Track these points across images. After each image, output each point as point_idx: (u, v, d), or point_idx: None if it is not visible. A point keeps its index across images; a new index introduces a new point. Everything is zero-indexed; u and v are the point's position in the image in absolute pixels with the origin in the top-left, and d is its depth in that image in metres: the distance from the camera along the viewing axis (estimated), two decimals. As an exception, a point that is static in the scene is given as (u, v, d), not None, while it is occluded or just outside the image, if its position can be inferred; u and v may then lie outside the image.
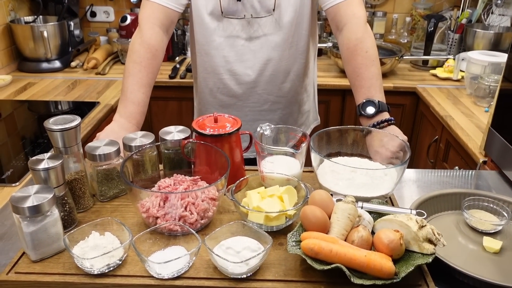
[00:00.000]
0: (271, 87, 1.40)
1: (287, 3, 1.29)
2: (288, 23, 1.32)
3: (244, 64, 1.36)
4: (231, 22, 1.31)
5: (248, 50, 1.34)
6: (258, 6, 1.29)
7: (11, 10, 2.18)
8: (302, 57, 1.40)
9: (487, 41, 2.16)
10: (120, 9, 2.55)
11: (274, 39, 1.33)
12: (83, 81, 2.04)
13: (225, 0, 1.28)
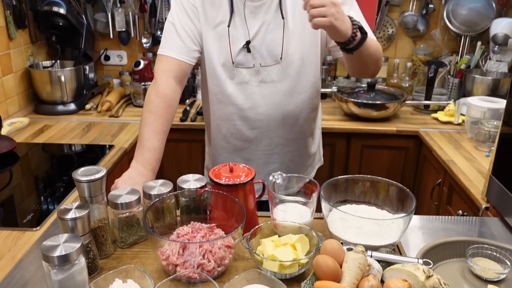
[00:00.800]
0: (281, 131, 1.47)
1: (294, 52, 1.37)
2: (295, 71, 1.40)
3: (255, 110, 1.43)
4: (241, 71, 1.39)
5: (258, 96, 1.42)
6: (266, 56, 1.38)
7: (30, 55, 2.28)
8: (310, 102, 1.48)
9: (486, 87, 2.25)
10: (133, 53, 2.66)
11: (283, 85, 1.41)
12: (98, 123, 2.12)
13: (235, 52, 1.37)
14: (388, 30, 2.55)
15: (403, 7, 2.51)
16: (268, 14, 1.36)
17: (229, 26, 1.36)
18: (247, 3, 1.35)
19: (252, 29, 1.36)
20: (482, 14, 2.38)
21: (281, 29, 1.35)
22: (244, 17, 1.36)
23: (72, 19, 2.27)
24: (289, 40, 1.36)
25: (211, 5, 1.37)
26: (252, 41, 1.36)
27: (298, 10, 1.35)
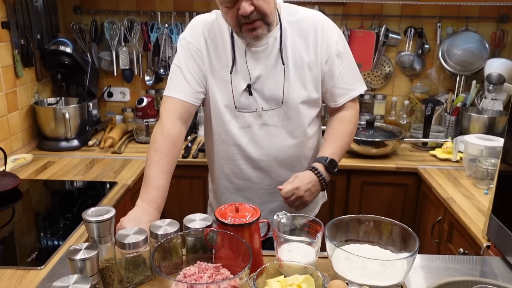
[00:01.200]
0: (284, 171, 1.50)
1: (295, 96, 1.41)
2: (296, 114, 1.44)
3: (258, 150, 1.46)
4: (244, 115, 1.43)
5: (261, 138, 1.45)
6: (268, 100, 1.42)
7: (35, 92, 2.33)
8: (311, 142, 1.51)
9: (482, 124, 2.30)
10: (136, 90, 2.72)
11: (284, 128, 1.44)
12: (100, 160, 2.14)
13: (238, 96, 1.41)
14: (386, 69, 2.62)
15: (399, 47, 2.59)
16: (269, 60, 1.40)
17: (231, 72, 1.40)
18: (249, 48, 1.40)
19: (253, 74, 1.40)
20: (476, 54, 2.46)
21: (281, 73, 1.40)
22: (246, 62, 1.40)
23: (77, 57, 2.33)
24: (290, 84, 1.40)
25: (215, 51, 1.42)
26: (254, 86, 1.40)
27: (298, 55, 1.41)
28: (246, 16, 1.26)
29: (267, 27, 1.32)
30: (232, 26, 1.33)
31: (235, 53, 1.40)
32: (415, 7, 2.47)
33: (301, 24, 1.41)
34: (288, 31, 1.40)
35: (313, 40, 1.41)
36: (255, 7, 1.26)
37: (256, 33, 1.30)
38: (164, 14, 2.55)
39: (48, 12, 2.39)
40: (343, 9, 2.53)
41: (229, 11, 1.28)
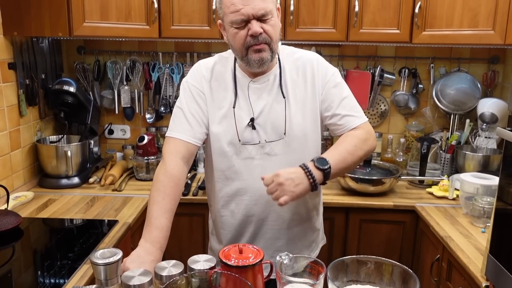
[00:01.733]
0: (288, 205, 1.50)
1: (297, 128, 1.47)
2: (298, 144, 1.48)
3: (260, 185, 1.45)
4: (247, 147, 1.47)
5: (264, 169, 1.47)
6: (270, 132, 1.47)
7: (38, 130, 2.36)
8: None
9: (477, 163, 2.34)
10: (136, 127, 2.76)
11: (287, 159, 1.48)
12: (101, 197, 2.15)
13: (241, 130, 1.46)
14: (381, 107, 2.69)
15: (394, 87, 2.66)
16: (270, 94, 1.47)
17: (234, 107, 1.46)
18: (251, 85, 1.47)
19: (256, 108, 1.46)
20: (469, 94, 2.53)
21: (283, 106, 1.46)
22: (248, 97, 1.47)
23: (80, 96, 2.38)
24: (291, 116, 1.46)
25: (218, 90, 1.48)
26: (257, 119, 1.46)
27: (297, 90, 1.48)
28: (255, 37, 1.35)
29: (271, 53, 1.40)
30: (239, 48, 1.40)
31: (237, 89, 1.47)
32: (409, 48, 2.56)
33: (298, 62, 1.50)
34: (287, 69, 1.49)
35: (310, 76, 1.49)
36: (264, 30, 1.35)
37: (261, 55, 1.38)
38: (165, 54, 2.63)
39: (53, 52, 2.45)
40: (339, 50, 2.61)
41: (239, 32, 1.36)
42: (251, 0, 1.33)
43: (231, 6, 1.34)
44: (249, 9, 1.33)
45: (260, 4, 1.33)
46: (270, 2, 1.37)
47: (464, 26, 2.16)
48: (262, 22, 1.35)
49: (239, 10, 1.33)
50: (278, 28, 1.41)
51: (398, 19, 2.21)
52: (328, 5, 2.21)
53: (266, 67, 1.44)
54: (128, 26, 2.20)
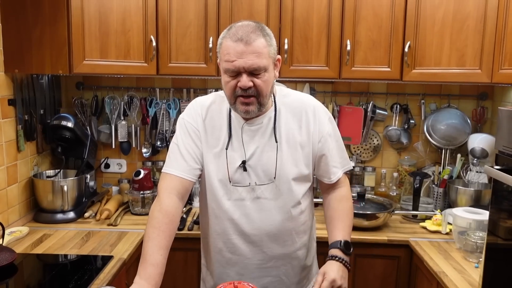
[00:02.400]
0: (275, 245, 1.54)
1: (287, 172, 1.50)
2: (287, 189, 1.51)
3: (251, 225, 1.51)
4: (237, 189, 1.50)
5: (253, 211, 1.50)
6: (261, 175, 1.49)
7: (35, 165, 2.38)
8: (302, 217, 1.57)
9: (469, 197, 2.38)
10: (133, 161, 2.78)
11: (276, 202, 1.51)
12: (96, 232, 2.16)
13: (233, 171, 1.49)
14: (374, 142, 2.74)
15: (386, 122, 2.72)
16: (263, 138, 1.50)
17: (227, 148, 1.49)
18: (245, 126, 1.50)
19: (248, 150, 1.49)
20: (459, 129, 2.59)
21: (274, 151, 1.49)
22: (242, 139, 1.50)
23: (78, 131, 2.41)
24: (282, 161, 1.49)
25: (212, 129, 1.52)
26: (248, 162, 1.49)
27: (291, 134, 1.51)
28: (243, 89, 1.38)
29: (259, 106, 1.43)
30: (229, 96, 1.44)
31: (231, 130, 1.50)
32: (400, 85, 2.63)
33: (294, 106, 1.54)
34: (282, 112, 1.52)
35: (305, 122, 1.52)
36: (254, 84, 1.38)
37: (247, 108, 1.41)
38: (162, 90, 2.68)
39: (52, 88, 2.50)
40: (332, 86, 2.68)
41: (230, 81, 1.40)
42: (245, 55, 1.35)
43: (226, 55, 1.37)
44: (241, 62, 1.35)
45: (254, 60, 1.35)
46: (266, 58, 1.38)
47: (452, 65, 2.24)
48: (254, 76, 1.38)
49: (232, 61, 1.36)
50: (271, 82, 1.43)
51: (388, 58, 2.28)
52: (321, 44, 2.29)
53: (253, 116, 1.47)
54: (127, 64, 2.26)
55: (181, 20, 2.28)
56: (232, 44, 1.36)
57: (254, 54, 1.35)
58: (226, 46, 1.38)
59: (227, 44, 1.38)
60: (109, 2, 2.20)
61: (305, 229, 1.60)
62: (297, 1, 2.26)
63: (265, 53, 1.37)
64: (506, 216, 1.57)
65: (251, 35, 1.36)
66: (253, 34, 1.36)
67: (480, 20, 2.18)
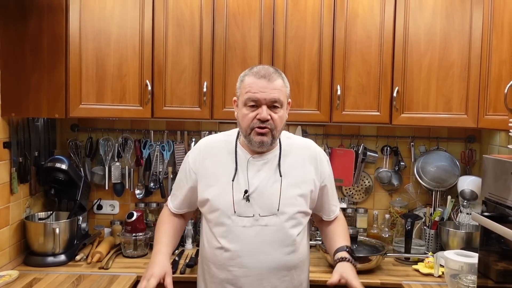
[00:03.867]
0: (275, 279, 1.59)
1: (289, 206, 1.58)
2: (289, 223, 1.58)
3: (252, 257, 1.56)
4: (242, 219, 1.56)
5: (255, 243, 1.56)
6: (264, 207, 1.57)
7: (27, 207, 2.38)
8: (301, 249, 1.64)
9: (460, 239, 2.39)
10: (125, 203, 2.78)
11: (278, 235, 1.57)
12: (87, 276, 2.13)
13: (237, 203, 1.56)
14: (366, 183, 2.77)
15: (377, 164, 2.76)
16: (268, 172, 1.59)
17: (233, 180, 1.57)
18: (250, 160, 1.59)
19: (252, 183, 1.57)
20: (449, 171, 2.64)
21: (278, 184, 1.57)
22: (247, 172, 1.58)
23: (72, 173, 2.42)
24: (285, 195, 1.57)
25: (218, 164, 1.62)
26: (252, 194, 1.56)
27: (294, 172, 1.61)
28: (262, 121, 1.51)
29: (272, 139, 1.55)
30: (245, 128, 1.56)
31: (237, 165, 1.59)
32: (390, 128, 2.69)
33: (298, 148, 1.68)
34: (287, 151, 1.64)
35: (309, 163, 1.65)
36: (271, 117, 1.51)
37: (262, 139, 1.53)
38: (157, 132, 2.72)
39: (47, 130, 2.53)
40: (324, 129, 2.74)
41: (248, 114, 1.53)
42: (267, 89, 1.50)
43: (249, 88, 1.52)
44: (264, 95, 1.50)
45: (274, 94, 1.51)
46: (283, 96, 1.55)
47: (439, 110, 2.31)
48: (271, 110, 1.52)
49: (254, 93, 1.50)
50: (284, 120, 1.58)
51: (378, 102, 2.35)
52: (312, 89, 2.36)
53: (265, 149, 1.58)
54: (122, 108, 2.30)
55: (176, 65, 2.34)
56: (256, 80, 1.52)
57: (275, 89, 1.52)
58: (249, 81, 1.53)
59: (250, 79, 1.54)
60: (106, 47, 2.26)
61: (304, 266, 1.67)
62: (289, 47, 2.35)
63: (284, 92, 1.57)
64: (495, 259, 1.59)
65: (273, 75, 1.53)
66: (274, 74, 1.54)
67: (464, 68, 2.27)
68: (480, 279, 1.62)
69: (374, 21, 2.32)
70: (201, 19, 2.33)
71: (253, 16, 2.33)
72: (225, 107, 2.35)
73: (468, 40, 2.26)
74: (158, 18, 2.31)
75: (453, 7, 2.27)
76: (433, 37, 2.29)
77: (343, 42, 2.33)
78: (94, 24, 2.24)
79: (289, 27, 2.33)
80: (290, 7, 2.33)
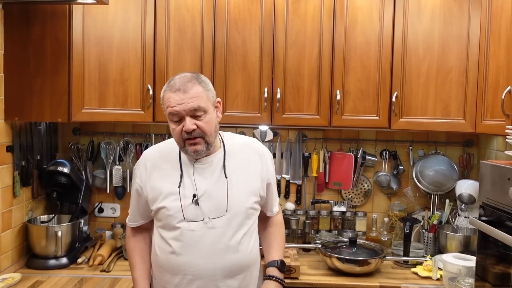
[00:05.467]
0: (230, 280, 1.61)
1: (237, 205, 1.62)
2: (239, 220, 1.62)
3: (204, 260, 1.59)
4: (191, 224, 1.59)
5: (207, 245, 1.59)
6: (213, 209, 1.60)
7: (29, 210, 2.40)
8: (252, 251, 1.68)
9: (458, 243, 2.42)
10: (126, 205, 2.75)
11: (228, 235, 1.60)
12: (89, 279, 2.15)
13: (186, 207, 1.59)
14: (365, 187, 2.79)
15: (376, 168, 2.79)
16: (213, 175, 1.63)
17: (179, 186, 1.61)
18: (195, 165, 1.63)
19: (200, 187, 1.61)
20: (447, 175, 2.66)
21: (225, 185, 1.62)
22: (193, 177, 1.62)
23: (74, 177, 2.45)
24: (232, 194, 1.62)
25: (163, 172, 1.65)
26: (201, 198, 1.60)
27: (240, 170, 1.66)
28: (189, 133, 1.53)
29: (207, 145, 1.58)
30: (177, 141, 1.60)
31: (182, 170, 1.63)
32: (388, 132, 2.72)
33: (242, 147, 1.72)
34: (231, 152, 1.68)
35: (254, 162, 1.71)
36: (197, 126, 1.54)
37: (195, 148, 1.56)
38: (158, 136, 2.74)
39: (49, 133, 2.55)
40: (323, 133, 2.76)
41: (176, 128, 1.56)
42: (185, 100, 1.52)
43: (168, 103, 1.55)
44: (182, 107, 1.52)
45: (192, 103, 1.52)
46: (204, 101, 1.55)
47: (437, 115, 2.33)
48: (196, 119, 1.54)
49: (173, 107, 1.53)
50: (214, 122, 1.60)
51: (377, 107, 2.38)
52: (312, 93, 2.39)
53: (203, 155, 1.61)
54: (124, 112, 2.33)
55: (177, 70, 2.36)
56: (172, 95, 1.54)
57: (192, 98, 1.53)
58: (167, 97, 1.56)
59: (167, 95, 1.56)
60: (109, 53, 2.29)
61: (253, 260, 1.69)
62: (289, 53, 2.37)
63: (203, 97, 1.55)
64: (492, 263, 1.62)
65: (188, 84, 1.54)
66: (189, 83, 1.55)
67: (462, 74, 2.30)
68: (478, 282, 1.65)
69: (373, 27, 2.35)
70: (202, 25, 2.36)
71: (254, 21, 2.36)
72: (226, 111, 2.38)
73: (466, 46, 2.29)
74: (160, 24, 2.34)
75: (451, 14, 2.31)
76: (432, 43, 2.32)
77: (343, 47, 2.36)
78: (97, 29, 2.27)
79: (289, 33, 2.36)
80: (290, 13, 2.36)
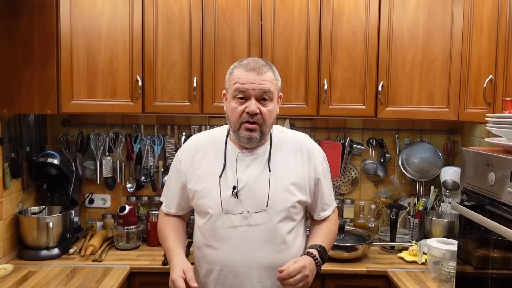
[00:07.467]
0: (266, 279, 1.56)
1: (279, 202, 1.55)
2: (279, 218, 1.55)
3: (241, 256, 1.54)
4: (230, 217, 1.55)
5: (244, 241, 1.54)
6: (253, 204, 1.54)
7: (20, 201, 2.41)
8: (294, 252, 1.59)
9: (443, 228, 2.49)
10: (117, 196, 2.82)
11: (268, 233, 1.55)
12: (81, 268, 2.18)
13: (225, 200, 1.55)
14: (352, 175, 2.85)
15: (363, 156, 2.84)
16: (257, 168, 1.57)
17: (220, 176, 1.56)
18: (240, 156, 1.58)
19: (241, 179, 1.55)
20: (432, 162, 2.73)
21: (267, 180, 1.55)
22: (236, 168, 1.57)
23: (64, 168, 2.45)
24: (275, 190, 1.55)
25: (206, 160, 1.61)
26: (241, 190, 1.54)
27: (285, 167, 1.59)
28: (250, 115, 1.48)
29: (261, 135, 1.53)
30: (233, 122, 1.54)
31: (226, 160, 1.58)
32: (375, 121, 2.77)
33: (290, 142, 1.65)
34: (278, 146, 1.61)
35: (300, 159, 1.62)
36: (260, 111, 1.49)
37: (251, 134, 1.51)
38: (147, 127, 2.76)
39: (38, 125, 2.55)
40: (311, 122, 2.80)
41: (237, 107, 1.50)
42: (257, 80, 1.48)
43: (238, 79, 1.50)
44: (253, 86, 1.48)
45: (264, 85, 1.49)
46: (274, 88, 1.53)
47: (422, 104, 2.39)
48: (261, 103, 1.50)
49: (242, 84, 1.49)
50: (274, 114, 1.56)
51: (363, 96, 2.42)
52: (299, 83, 2.42)
53: (254, 145, 1.56)
54: (113, 103, 2.34)
55: (166, 61, 2.38)
56: (244, 73, 1.50)
57: (265, 81, 1.49)
58: (238, 73, 1.51)
59: (239, 72, 1.52)
60: (97, 44, 2.29)
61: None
62: (277, 43, 2.40)
63: (274, 84, 1.53)
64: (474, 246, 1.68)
65: (263, 67, 1.51)
66: (264, 67, 1.52)
67: (446, 63, 2.35)
68: (460, 266, 1.70)
69: (359, 17, 2.39)
70: (190, 16, 2.37)
71: (242, 12, 2.37)
72: (215, 101, 2.40)
73: (449, 36, 2.34)
74: (148, 15, 2.35)
75: (435, 4, 2.35)
76: (416, 33, 2.37)
77: (330, 37, 2.40)
78: (85, 21, 2.27)
79: (276, 23, 2.39)
80: (278, 4, 2.38)
